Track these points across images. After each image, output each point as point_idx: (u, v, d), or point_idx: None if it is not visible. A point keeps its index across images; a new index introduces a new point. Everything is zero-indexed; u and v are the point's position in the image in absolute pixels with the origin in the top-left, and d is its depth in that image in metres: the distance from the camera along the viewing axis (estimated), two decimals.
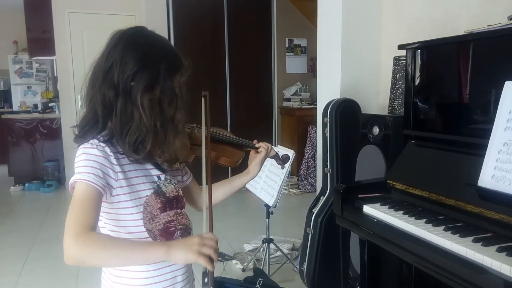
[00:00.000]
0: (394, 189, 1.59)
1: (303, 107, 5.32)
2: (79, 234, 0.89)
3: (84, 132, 1.03)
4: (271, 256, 2.83)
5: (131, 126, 1.01)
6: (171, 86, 1.04)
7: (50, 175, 5.43)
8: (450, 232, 1.20)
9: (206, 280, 0.93)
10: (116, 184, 1.01)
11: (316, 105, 2.88)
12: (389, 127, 1.87)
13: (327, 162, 2.30)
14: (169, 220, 1.10)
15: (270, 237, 2.75)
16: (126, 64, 1.00)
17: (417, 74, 1.69)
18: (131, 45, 1.02)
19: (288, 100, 5.51)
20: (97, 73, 1.03)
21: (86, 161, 0.98)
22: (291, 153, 2.28)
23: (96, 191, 0.96)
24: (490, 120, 1.26)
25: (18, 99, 6.45)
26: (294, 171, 5.19)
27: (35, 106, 6.15)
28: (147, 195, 1.06)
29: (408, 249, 1.26)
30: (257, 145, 1.33)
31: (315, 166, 4.81)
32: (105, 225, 1.07)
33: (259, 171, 1.32)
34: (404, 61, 1.81)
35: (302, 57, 5.75)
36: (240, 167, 1.37)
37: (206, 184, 1.07)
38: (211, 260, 0.91)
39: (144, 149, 1.02)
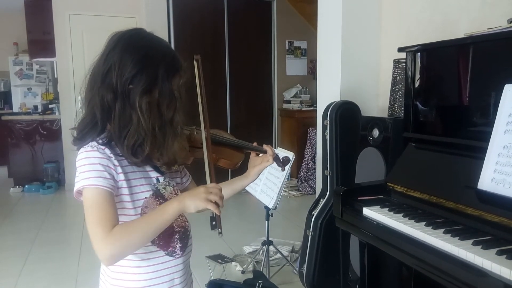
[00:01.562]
0: (394, 192, 1.59)
1: (303, 109, 5.33)
2: (106, 235, 0.91)
3: (83, 135, 1.03)
4: (270, 258, 2.83)
5: (129, 129, 1.00)
6: (170, 89, 1.03)
7: (50, 177, 5.42)
8: (449, 235, 1.20)
9: (214, 223, 1.00)
10: (117, 185, 1.01)
11: (316, 107, 2.89)
12: (389, 130, 1.87)
13: (327, 164, 2.30)
14: None
15: (270, 239, 2.74)
16: (125, 66, 0.99)
17: (417, 76, 1.69)
18: (130, 47, 1.01)
19: (288, 102, 5.51)
20: (96, 76, 1.02)
21: (90, 165, 0.97)
22: (291, 155, 2.27)
23: (107, 193, 0.96)
24: (490, 123, 1.26)
25: (18, 100, 6.46)
26: (294, 173, 5.18)
27: (35, 107, 6.16)
28: (145, 197, 1.06)
29: (408, 251, 1.26)
30: (265, 148, 1.31)
31: (315, 168, 4.81)
32: None
33: (258, 175, 1.32)
34: (404, 64, 1.81)
35: (302, 59, 5.76)
36: (240, 168, 1.37)
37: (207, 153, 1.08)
38: (217, 205, 0.97)
39: (143, 152, 1.02)
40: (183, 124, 1.09)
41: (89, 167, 0.97)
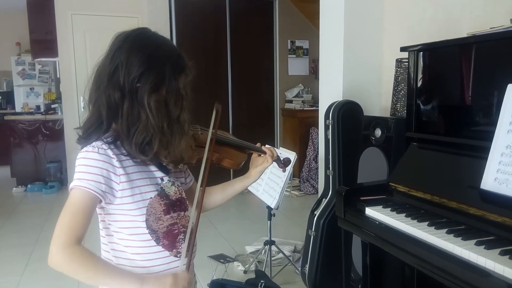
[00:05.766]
0: (396, 192, 1.59)
1: (305, 109, 5.32)
2: (67, 246, 0.92)
3: (88, 134, 1.04)
4: (273, 258, 2.83)
5: (138, 127, 1.01)
6: (177, 87, 1.04)
7: (52, 176, 5.43)
8: (452, 235, 1.20)
9: None
10: (118, 187, 1.01)
11: (318, 107, 2.88)
12: (391, 129, 1.86)
13: (329, 164, 2.30)
14: (173, 223, 1.10)
15: (272, 239, 2.74)
16: (132, 65, 1.00)
17: (419, 76, 1.69)
18: (136, 47, 1.02)
19: (290, 101, 5.51)
20: (102, 75, 1.02)
21: (85, 166, 0.98)
22: (293, 155, 2.27)
23: (93, 198, 0.96)
24: (493, 123, 1.26)
25: (20, 100, 6.48)
26: (296, 173, 5.18)
27: (38, 107, 6.18)
28: (151, 197, 1.06)
29: (410, 251, 1.26)
30: (263, 149, 1.32)
31: (317, 168, 4.81)
32: (108, 226, 1.07)
33: (260, 176, 1.33)
34: (407, 63, 1.81)
35: (304, 59, 5.76)
36: (242, 169, 1.37)
37: (193, 224, 1.08)
38: None
39: (151, 150, 1.02)
40: (189, 122, 1.10)
41: (85, 168, 0.98)
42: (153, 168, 1.09)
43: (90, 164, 0.98)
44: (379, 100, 2.56)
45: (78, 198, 0.96)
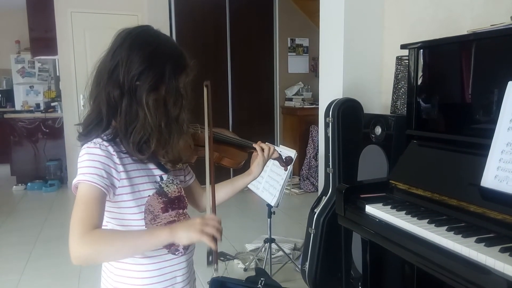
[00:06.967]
0: (397, 189, 1.59)
1: (305, 106, 5.32)
2: (84, 233, 0.89)
3: (88, 131, 1.03)
4: (273, 256, 2.83)
5: (135, 126, 1.01)
6: (176, 86, 1.04)
7: (52, 175, 5.44)
8: (452, 232, 1.20)
9: (210, 259, 0.97)
10: (118, 184, 1.01)
11: (318, 104, 2.88)
12: (391, 127, 1.86)
13: (329, 162, 2.30)
14: (171, 221, 1.10)
15: (272, 237, 2.75)
16: (132, 63, 0.99)
17: (420, 74, 1.68)
18: (137, 44, 1.01)
19: (290, 99, 5.51)
20: (102, 72, 1.02)
21: (89, 161, 0.98)
22: (293, 152, 2.28)
23: (99, 191, 0.95)
24: (493, 120, 1.26)
25: (20, 98, 6.49)
26: (296, 171, 5.18)
27: (37, 105, 6.18)
28: (149, 195, 1.06)
29: (410, 249, 1.26)
30: (255, 146, 1.32)
31: (317, 166, 4.81)
32: (107, 224, 1.07)
33: (261, 172, 1.32)
34: (407, 61, 1.81)
35: (304, 57, 5.75)
36: (243, 168, 1.37)
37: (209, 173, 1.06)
38: (214, 239, 0.92)
39: (149, 149, 1.02)
40: (188, 122, 1.09)
41: (88, 163, 0.98)
42: (152, 166, 1.09)
43: (93, 159, 0.98)
44: (379, 98, 2.56)
45: (84, 191, 0.95)
